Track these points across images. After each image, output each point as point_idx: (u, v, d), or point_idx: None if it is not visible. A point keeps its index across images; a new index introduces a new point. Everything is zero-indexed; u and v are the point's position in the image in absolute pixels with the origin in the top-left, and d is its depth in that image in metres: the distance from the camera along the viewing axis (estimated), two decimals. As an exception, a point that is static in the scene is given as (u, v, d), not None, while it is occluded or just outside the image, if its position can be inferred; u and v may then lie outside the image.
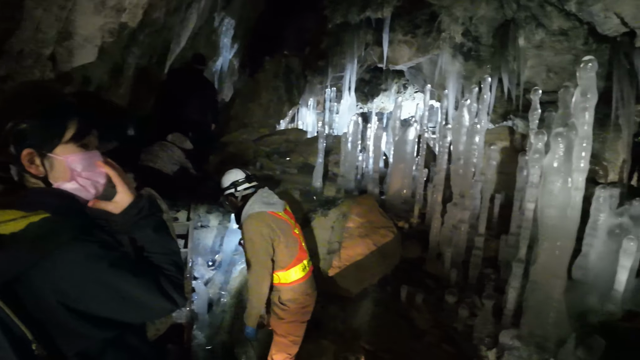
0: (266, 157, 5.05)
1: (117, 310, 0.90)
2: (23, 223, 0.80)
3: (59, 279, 0.83)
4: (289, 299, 2.26)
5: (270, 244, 2.14)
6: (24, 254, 0.80)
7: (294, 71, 7.42)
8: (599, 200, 2.79)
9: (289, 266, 2.22)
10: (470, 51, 7.32)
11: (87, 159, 0.95)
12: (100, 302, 0.88)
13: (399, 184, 4.17)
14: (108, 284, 0.87)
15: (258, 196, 2.27)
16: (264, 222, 2.15)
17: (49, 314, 0.83)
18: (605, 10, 5.47)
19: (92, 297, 0.86)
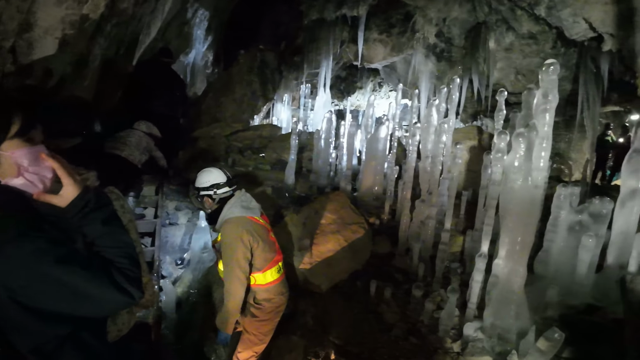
0: (239, 153, 4.99)
1: (68, 305, 0.89)
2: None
3: (7, 275, 0.82)
4: (264, 298, 2.26)
5: (250, 250, 2.13)
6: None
7: (269, 66, 7.35)
8: (560, 198, 2.92)
9: (265, 268, 2.23)
10: (442, 52, 7.48)
11: (33, 153, 0.94)
12: (50, 298, 0.87)
13: (370, 181, 4.23)
14: (56, 279, 0.87)
15: (237, 200, 2.23)
16: (244, 228, 2.13)
17: (0, 311, 0.82)
18: (574, 15, 5.70)
19: (41, 293, 0.86)
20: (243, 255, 2.09)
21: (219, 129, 5.41)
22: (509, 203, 2.40)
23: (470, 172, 4.73)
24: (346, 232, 3.52)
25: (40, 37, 2.68)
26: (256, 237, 2.16)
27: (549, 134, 2.41)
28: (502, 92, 3.55)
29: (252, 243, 2.13)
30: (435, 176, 3.39)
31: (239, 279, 2.10)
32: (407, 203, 3.52)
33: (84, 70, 4.10)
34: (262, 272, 2.21)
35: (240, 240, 2.08)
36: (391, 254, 3.73)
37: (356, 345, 2.76)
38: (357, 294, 3.24)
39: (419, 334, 2.80)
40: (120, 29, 4.47)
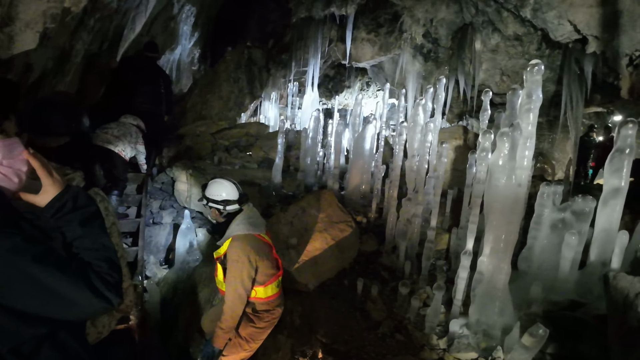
0: (225, 151, 4.94)
1: (44, 306, 0.88)
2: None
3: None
4: (264, 309, 2.33)
5: (255, 268, 2.18)
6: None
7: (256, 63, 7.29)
8: (543, 196, 2.96)
9: (267, 283, 2.29)
10: (429, 52, 7.55)
11: (7, 146, 0.92)
12: (26, 297, 0.85)
13: (358, 180, 4.24)
14: (32, 278, 0.85)
15: (245, 216, 2.27)
16: (251, 247, 2.18)
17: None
18: (559, 17, 5.81)
19: (16, 292, 0.84)
20: (248, 274, 2.15)
21: (205, 126, 5.34)
22: (493, 201, 2.43)
23: (456, 171, 4.79)
24: (333, 231, 3.52)
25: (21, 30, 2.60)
26: (261, 255, 2.22)
27: (533, 133, 2.45)
28: (487, 93, 3.59)
29: (257, 262, 2.19)
30: (422, 175, 3.41)
31: (240, 296, 2.17)
32: (393, 201, 3.53)
33: (66, 66, 4.00)
34: (263, 287, 2.28)
35: (247, 259, 2.14)
36: (378, 252, 3.74)
37: (343, 343, 2.77)
38: (344, 292, 3.24)
39: (405, 331, 2.82)
40: (104, 24, 4.37)
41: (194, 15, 7.32)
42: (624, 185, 2.53)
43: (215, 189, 2.25)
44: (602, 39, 5.65)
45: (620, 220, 2.66)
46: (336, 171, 4.35)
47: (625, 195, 2.57)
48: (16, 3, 2.55)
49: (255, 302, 2.30)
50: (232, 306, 2.16)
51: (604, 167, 2.71)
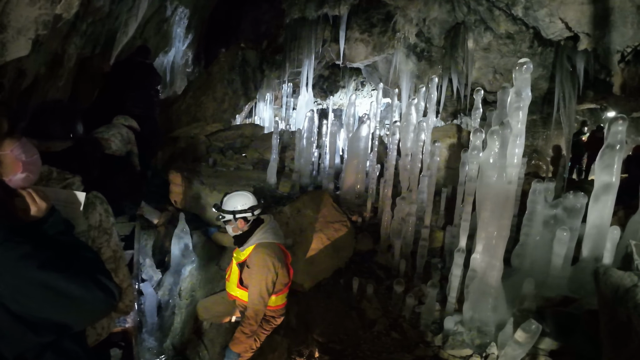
0: (220, 153, 4.94)
1: (52, 309, 0.90)
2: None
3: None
4: (271, 316, 2.46)
5: (276, 275, 2.29)
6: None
7: (250, 64, 7.29)
8: (535, 193, 2.99)
9: (280, 292, 2.41)
10: (423, 52, 7.59)
11: (25, 145, 1.00)
12: (35, 302, 0.88)
13: (352, 180, 4.26)
14: (41, 283, 0.88)
15: (269, 226, 2.40)
16: (275, 255, 2.30)
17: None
18: (551, 15, 5.86)
19: (27, 297, 0.87)
20: (272, 279, 2.26)
21: (199, 128, 5.34)
22: (484, 199, 2.46)
23: (450, 170, 4.82)
24: (329, 231, 3.54)
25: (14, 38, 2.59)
26: (282, 264, 2.34)
27: (523, 131, 2.47)
28: (478, 91, 3.62)
29: (279, 269, 2.30)
30: (415, 174, 3.44)
31: (264, 300, 2.26)
32: (388, 201, 3.56)
33: (59, 70, 3.99)
34: (275, 295, 2.39)
35: (272, 265, 2.25)
36: (373, 251, 3.76)
37: (339, 342, 2.79)
38: (339, 291, 3.26)
39: (400, 329, 2.84)
40: (97, 28, 4.37)
41: (187, 17, 7.31)
42: (615, 181, 2.56)
43: (239, 200, 2.35)
44: (594, 36, 5.71)
45: (612, 216, 2.68)
46: (331, 171, 4.37)
47: (616, 191, 2.59)
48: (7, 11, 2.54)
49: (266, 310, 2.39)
50: (257, 309, 2.25)
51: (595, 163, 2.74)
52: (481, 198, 2.47)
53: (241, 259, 2.36)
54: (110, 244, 1.42)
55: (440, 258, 3.63)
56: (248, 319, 2.25)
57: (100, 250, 1.40)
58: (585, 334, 2.38)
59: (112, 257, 1.43)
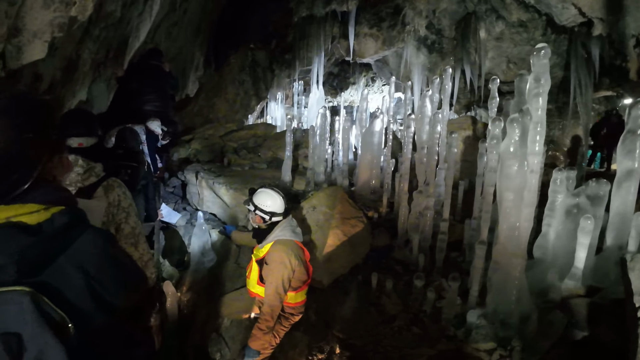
0: (234, 153, 4.97)
1: (124, 286, 0.93)
2: (47, 214, 0.86)
3: (86, 262, 0.86)
4: (290, 313, 2.48)
5: (293, 272, 2.30)
6: (57, 240, 0.85)
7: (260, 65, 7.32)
8: (557, 182, 2.91)
9: (299, 289, 2.43)
10: (433, 44, 7.49)
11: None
12: (114, 280, 0.90)
13: (367, 175, 4.22)
14: (119, 261, 0.95)
15: (288, 224, 2.42)
16: (293, 252, 2.31)
17: (78, 298, 0.84)
18: (563, 1, 5.71)
19: (109, 277, 0.89)
20: (288, 276, 2.27)
21: (213, 129, 5.38)
22: (505, 189, 2.40)
23: (466, 162, 4.74)
24: (345, 227, 3.52)
25: (29, 41, 2.66)
26: (300, 261, 2.36)
27: (543, 118, 2.41)
28: (494, 80, 3.55)
29: (296, 267, 2.31)
30: (432, 167, 3.39)
31: (280, 296, 2.27)
32: (404, 195, 3.51)
33: (74, 75, 4.07)
34: (295, 292, 2.41)
35: (289, 262, 2.27)
36: (390, 247, 3.72)
37: (359, 338, 2.77)
38: (358, 287, 3.24)
39: (421, 323, 2.81)
40: (109, 33, 4.44)
41: (196, 20, 7.38)
42: (638, 167, 2.48)
43: (265, 199, 2.38)
44: (607, 21, 5.55)
45: (635, 203, 2.60)
46: (345, 167, 4.34)
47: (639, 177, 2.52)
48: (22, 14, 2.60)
49: (284, 306, 2.40)
50: (272, 305, 2.26)
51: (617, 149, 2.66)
52: (502, 188, 2.42)
53: (260, 255, 2.38)
54: (129, 221, 1.57)
55: (459, 252, 3.58)
56: (264, 315, 2.27)
57: (119, 227, 1.55)
58: (610, 323, 2.32)
59: (131, 233, 1.57)
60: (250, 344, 2.27)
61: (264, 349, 2.29)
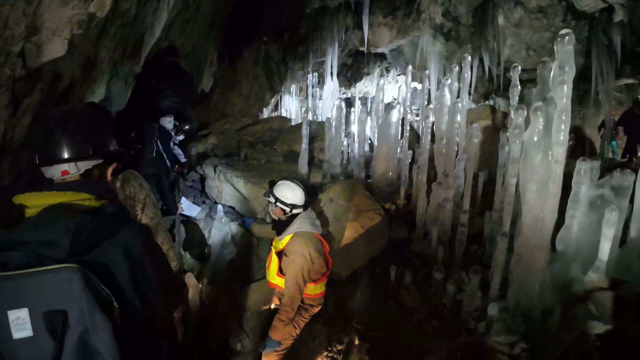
0: (250, 147, 5.00)
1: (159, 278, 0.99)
2: (97, 203, 0.95)
3: (130, 249, 0.92)
4: (309, 304, 2.49)
5: (312, 264, 2.31)
6: (106, 225, 0.92)
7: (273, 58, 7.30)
8: (580, 172, 2.82)
9: (319, 281, 2.45)
10: (450, 32, 7.31)
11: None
12: (152, 270, 0.96)
13: (384, 167, 4.19)
14: (157, 254, 1.03)
15: (307, 217, 2.44)
16: (312, 244, 2.33)
17: (121, 281, 0.89)
18: (584, -15, 5.51)
19: (148, 266, 0.95)
20: (308, 267, 2.29)
21: (229, 124, 5.43)
22: (529, 180, 2.35)
23: (485, 153, 4.63)
24: (362, 219, 3.50)
25: (49, 39, 2.69)
26: (319, 253, 2.37)
27: (568, 106, 2.33)
28: (515, 68, 3.44)
29: (315, 259, 2.32)
30: (451, 157, 3.33)
31: (300, 288, 2.29)
32: (423, 187, 3.47)
33: (93, 73, 4.14)
34: (314, 284, 2.43)
35: (309, 254, 2.28)
36: (409, 239, 3.69)
37: (378, 330, 2.77)
38: (376, 280, 3.23)
39: (441, 316, 2.79)
40: (125, 31, 4.48)
41: (209, 16, 7.38)
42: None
43: (285, 192, 2.39)
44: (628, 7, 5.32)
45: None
46: (361, 159, 4.32)
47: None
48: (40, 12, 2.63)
49: (304, 297, 2.41)
50: (293, 296, 2.28)
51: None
52: (525, 179, 2.36)
53: (280, 247, 2.40)
54: (147, 212, 1.64)
55: (478, 244, 3.53)
56: (284, 306, 2.29)
57: (136, 218, 1.63)
58: (634, 317, 2.26)
59: (147, 224, 1.64)
60: (271, 335, 2.30)
61: (284, 339, 2.32)
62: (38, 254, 0.83)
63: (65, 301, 0.81)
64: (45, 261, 0.81)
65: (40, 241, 0.84)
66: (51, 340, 0.80)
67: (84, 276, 0.80)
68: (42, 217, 0.88)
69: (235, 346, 2.78)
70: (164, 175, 3.44)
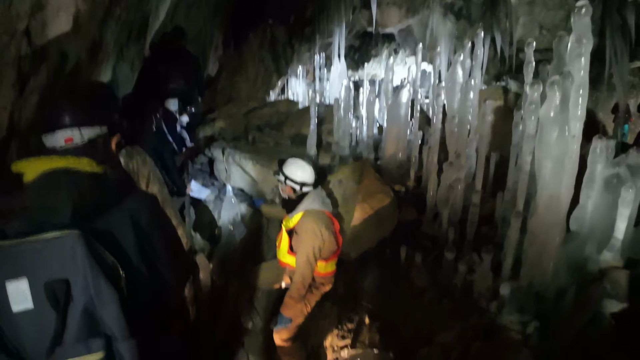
0: (258, 131, 4.97)
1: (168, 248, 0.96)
2: (100, 168, 0.90)
3: (138, 217, 0.88)
4: (320, 282, 2.51)
5: (323, 242, 2.31)
6: (111, 190, 0.89)
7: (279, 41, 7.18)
8: (596, 151, 2.75)
9: (329, 259, 2.45)
10: (461, 10, 7.11)
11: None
12: (160, 240, 0.93)
13: (393, 149, 4.13)
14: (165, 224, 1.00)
15: (318, 194, 2.45)
16: (323, 222, 2.33)
17: (128, 250, 0.85)
18: (597, -39, 5.28)
19: (156, 236, 0.92)
20: (319, 245, 2.29)
21: (236, 107, 5.39)
22: (545, 157, 2.29)
23: (497, 135, 4.54)
24: (372, 201, 3.47)
25: (54, 15, 2.65)
26: (330, 231, 2.37)
27: (586, 79, 2.26)
28: (530, 44, 3.33)
29: (326, 237, 2.32)
30: (463, 137, 3.26)
31: (311, 265, 2.29)
32: (433, 167, 3.42)
33: (98, 56, 4.11)
34: (325, 262, 2.43)
35: (319, 231, 2.28)
36: (419, 221, 3.66)
37: (389, 310, 2.78)
38: (386, 261, 3.22)
39: (452, 297, 2.77)
40: (130, 13, 4.42)
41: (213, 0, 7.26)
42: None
43: (295, 170, 2.38)
44: (643, -16, 5.09)
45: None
46: (370, 141, 4.26)
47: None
48: (45, -12, 2.58)
49: (315, 275, 2.42)
50: (303, 274, 2.28)
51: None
52: (541, 156, 2.31)
53: (290, 226, 2.40)
54: (151, 188, 1.61)
55: (489, 226, 3.48)
56: (296, 284, 2.31)
57: None
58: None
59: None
60: (282, 312, 2.32)
61: (295, 316, 2.34)
62: (38, 221, 0.79)
63: (68, 270, 0.76)
64: (45, 228, 0.77)
65: (40, 207, 0.81)
66: (53, 312, 0.75)
67: (87, 243, 0.76)
68: (42, 181, 0.84)
69: (246, 325, 2.81)
70: (167, 153, 3.42)
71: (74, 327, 0.76)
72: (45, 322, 0.75)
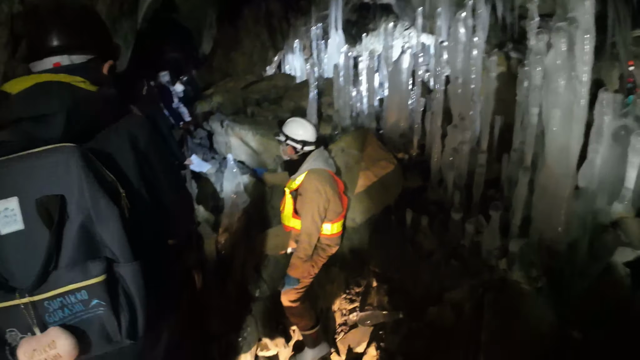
0: (256, 105, 4.89)
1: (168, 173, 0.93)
2: (94, 87, 0.83)
3: (135, 137, 0.83)
4: (326, 244, 2.44)
5: (328, 201, 2.26)
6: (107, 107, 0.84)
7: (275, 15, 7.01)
8: (603, 103, 2.68)
9: (335, 220, 2.39)
10: (460, -24, 6.90)
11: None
12: (159, 164, 0.89)
13: (395, 117, 4.07)
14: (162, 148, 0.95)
15: (320, 154, 2.38)
16: (327, 181, 2.28)
17: (127, 171, 0.81)
18: None
19: (155, 159, 0.88)
20: (324, 204, 2.24)
21: (233, 82, 5.29)
22: (553, 107, 2.23)
23: (500, 101, 4.46)
24: (375, 169, 3.42)
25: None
26: (335, 191, 2.32)
27: (591, 23, 2.17)
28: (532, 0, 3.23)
29: (330, 196, 2.27)
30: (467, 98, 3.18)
31: (317, 225, 2.24)
32: (437, 131, 3.35)
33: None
34: (331, 223, 2.37)
35: (324, 190, 2.23)
36: (423, 188, 3.62)
37: (396, 272, 2.75)
38: (392, 226, 3.19)
39: (460, 257, 2.75)
40: (120, -15, 4.30)
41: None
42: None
43: (296, 128, 2.31)
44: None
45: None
46: (371, 110, 4.19)
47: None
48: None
49: (321, 237, 2.37)
50: (309, 233, 2.25)
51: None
52: (549, 106, 2.24)
53: (293, 187, 2.35)
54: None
55: (495, 189, 3.44)
56: (302, 243, 2.27)
57: None
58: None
59: None
60: (289, 273, 2.29)
61: (303, 277, 2.31)
62: (28, 133, 0.72)
63: (62, 186, 0.68)
64: (37, 142, 0.70)
65: (31, 117, 0.73)
66: (46, 232, 0.67)
67: (83, 156, 0.69)
68: (33, 90, 0.75)
69: (253, 292, 2.80)
70: (160, 118, 3.32)
71: (70, 247, 0.69)
72: (37, 243, 0.68)
